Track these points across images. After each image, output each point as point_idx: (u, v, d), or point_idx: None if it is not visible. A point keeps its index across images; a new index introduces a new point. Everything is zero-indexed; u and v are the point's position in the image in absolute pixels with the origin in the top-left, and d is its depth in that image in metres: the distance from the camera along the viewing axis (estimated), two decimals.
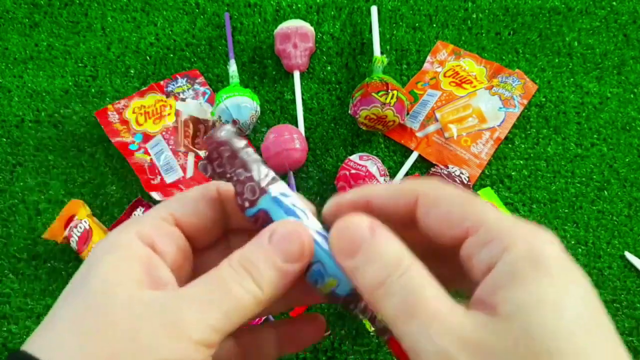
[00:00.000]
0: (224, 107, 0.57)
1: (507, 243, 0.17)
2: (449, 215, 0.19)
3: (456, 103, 0.62)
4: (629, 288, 0.55)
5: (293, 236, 0.20)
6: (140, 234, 0.20)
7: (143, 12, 0.70)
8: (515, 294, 0.16)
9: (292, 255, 0.19)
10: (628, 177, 0.60)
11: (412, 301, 0.17)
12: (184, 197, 0.22)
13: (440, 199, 0.19)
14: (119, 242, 0.19)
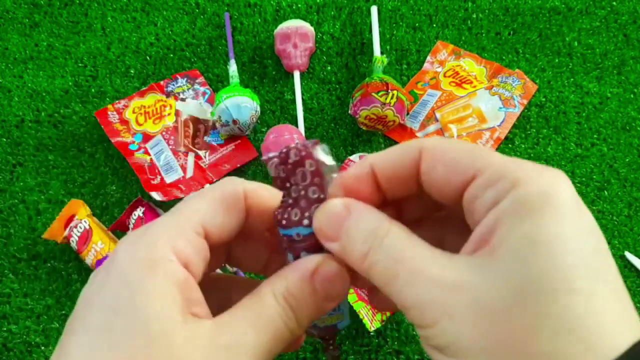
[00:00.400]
0: (224, 107, 0.57)
1: (515, 180, 0.16)
2: (456, 163, 0.18)
3: (456, 103, 0.62)
4: (629, 288, 0.55)
5: (338, 277, 0.20)
6: (176, 250, 0.19)
7: (143, 12, 0.70)
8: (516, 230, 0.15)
9: (334, 297, 0.20)
10: (628, 177, 0.60)
11: (393, 265, 0.17)
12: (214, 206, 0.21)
13: (445, 149, 0.18)
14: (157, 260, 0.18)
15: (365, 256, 0.18)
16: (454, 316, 0.15)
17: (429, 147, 0.19)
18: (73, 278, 0.55)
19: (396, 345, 0.52)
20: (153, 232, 0.19)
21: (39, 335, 0.53)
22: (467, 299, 0.15)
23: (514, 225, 0.15)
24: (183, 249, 0.19)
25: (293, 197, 0.20)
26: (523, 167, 0.16)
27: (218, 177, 0.60)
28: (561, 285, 0.14)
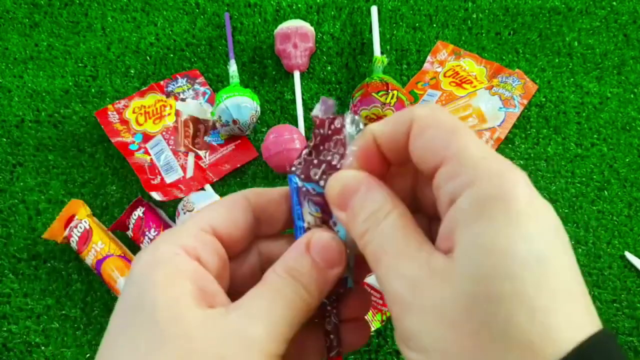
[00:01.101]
0: (224, 107, 0.57)
1: (473, 178, 0.16)
2: (432, 143, 0.18)
3: (456, 103, 0.62)
4: (629, 288, 0.55)
5: (331, 245, 0.21)
6: (185, 247, 0.20)
7: (143, 12, 0.70)
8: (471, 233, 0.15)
9: (333, 261, 0.21)
10: (628, 177, 0.60)
11: (379, 250, 0.18)
12: (218, 206, 0.22)
13: (429, 124, 0.18)
14: (164, 256, 0.19)
15: (362, 234, 0.19)
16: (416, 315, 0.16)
17: (417, 117, 0.19)
18: (73, 278, 0.55)
19: (396, 346, 0.52)
20: (161, 237, 0.21)
21: (39, 335, 0.53)
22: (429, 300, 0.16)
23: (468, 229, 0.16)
24: (190, 244, 0.20)
25: (319, 158, 0.22)
26: (483, 164, 0.16)
27: (218, 177, 0.60)
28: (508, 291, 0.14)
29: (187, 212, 0.53)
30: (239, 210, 0.22)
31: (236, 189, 0.60)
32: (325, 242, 0.21)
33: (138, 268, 0.19)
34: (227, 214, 0.22)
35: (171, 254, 0.19)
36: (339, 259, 0.21)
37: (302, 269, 0.20)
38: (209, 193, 0.57)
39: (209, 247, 0.21)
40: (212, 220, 0.21)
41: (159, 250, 0.19)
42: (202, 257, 0.20)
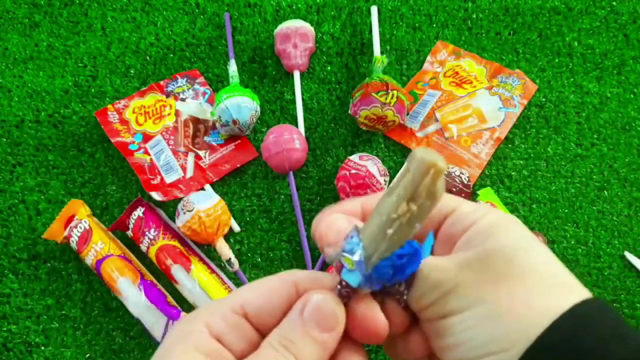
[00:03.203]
0: (224, 107, 0.57)
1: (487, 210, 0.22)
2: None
3: (456, 103, 0.62)
4: (629, 288, 0.55)
5: (325, 306, 0.20)
6: (209, 325, 0.20)
7: (143, 12, 0.70)
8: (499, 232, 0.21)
9: (328, 325, 0.20)
10: (628, 177, 0.60)
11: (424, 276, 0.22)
12: (258, 288, 0.22)
13: None
14: (188, 331, 0.20)
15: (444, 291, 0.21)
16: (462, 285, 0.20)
17: None
18: (73, 278, 0.55)
19: None
20: (198, 310, 0.21)
21: (39, 335, 0.53)
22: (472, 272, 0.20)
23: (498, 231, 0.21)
24: (215, 323, 0.20)
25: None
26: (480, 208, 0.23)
27: (218, 177, 0.60)
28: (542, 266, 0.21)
29: (187, 212, 0.53)
30: (280, 296, 0.21)
31: (236, 189, 0.60)
32: (318, 304, 0.20)
33: (169, 337, 0.20)
34: (265, 300, 0.21)
35: (194, 331, 0.20)
36: (334, 322, 0.20)
37: (293, 337, 0.20)
38: (209, 193, 0.57)
39: (236, 329, 0.20)
40: (246, 303, 0.21)
41: (187, 325, 0.20)
42: (226, 339, 0.20)
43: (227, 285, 0.55)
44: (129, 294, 0.51)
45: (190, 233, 0.54)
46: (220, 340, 0.20)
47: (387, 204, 0.19)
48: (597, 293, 0.55)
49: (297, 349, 0.20)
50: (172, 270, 0.52)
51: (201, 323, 0.20)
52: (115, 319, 0.54)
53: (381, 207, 0.20)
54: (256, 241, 0.58)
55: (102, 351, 0.53)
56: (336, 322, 0.20)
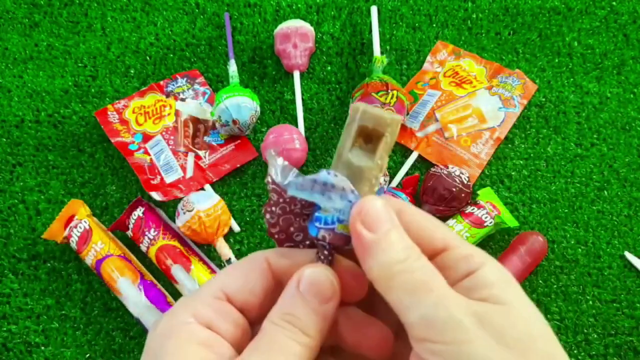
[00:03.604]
0: (224, 107, 0.57)
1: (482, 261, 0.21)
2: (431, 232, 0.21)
3: (456, 103, 0.62)
4: (629, 288, 0.55)
5: (321, 277, 0.21)
6: (196, 315, 0.20)
7: (143, 12, 0.70)
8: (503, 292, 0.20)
9: (325, 296, 0.20)
10: (628, 177, 0.60)
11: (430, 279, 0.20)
12: (232, 271, 0.22)
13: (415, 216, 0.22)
14: (176, 325, 0.20)
15: (398, 263, 0.20)
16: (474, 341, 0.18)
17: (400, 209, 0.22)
18: (73, 278, 0.55)
19: None
20: (176, 305, 0.21)
21: (38, 335, 0.53)
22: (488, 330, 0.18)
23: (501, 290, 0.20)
24: (202, 312, 0.20)
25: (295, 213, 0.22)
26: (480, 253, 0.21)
27: (218, 177, 0.60)
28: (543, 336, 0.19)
29: (187, 212, 0.53)
30: (256, 274, 0.22)
31: (236, 189, 0.60)
32: (314, 278, 0.20)
33: (153, 337, 0.20)
34: (242, 279, 0.22)
35: (183, 323, 0.20)
36: (331, 291, 0.21)
37: (295, 311, 0.20)
38: (209, 193, 0.57)
39: (224, 315, 0.21)
40: (225, 287, 0.21)
41: (172, 320, 0.20)
42: (215, 325, 0.20)
43: None
44: (129, 294, 0.51)
45: (190, 233, 0.54)
46: (210, 327, 0.20)
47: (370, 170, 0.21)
48: (597, 293, 0.55)
49: (302, 323, 0.20)
50: (172, 270, 0.52)
51: (186, 315, 0.20)
52: (115, 319, 0.54)
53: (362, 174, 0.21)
54: (256, 241, 0.58)
55: (102, 351, 0.53)
56: (333, 291, 0.21)
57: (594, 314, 0.54)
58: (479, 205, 0.56)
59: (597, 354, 0.52)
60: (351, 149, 0.22)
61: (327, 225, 0.21)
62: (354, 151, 0.22)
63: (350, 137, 0.21)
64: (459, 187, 0.54)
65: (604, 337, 0.53)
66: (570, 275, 0.55)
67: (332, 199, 0.20)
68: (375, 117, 0.21)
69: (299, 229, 0.23)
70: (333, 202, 0.21)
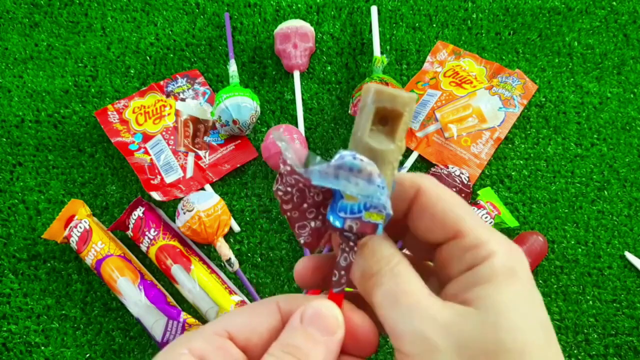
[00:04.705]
0: (224, 107, 0.57)
1: (490, 252, 0.19)
2: (443, 216, 0.20)
3: (456, 103, 0.62)
4: (629, 288, 0.55)
5: (324, 310, 0.20)
6: (192, 349, 0.20)
7: (143, 12, 0.70)
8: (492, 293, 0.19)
9: (329, 327, 0.20)
10: (628, 177, 0.60)
11: (398, 290, 0.19)
12: (239, 311, 0.22)
13: (438, 198, 0.21)
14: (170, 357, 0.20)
15: (372, 275, 0.20)
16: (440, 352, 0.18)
17: (426, 189, 0.21)
18: (73, 278, 0.55)
19: None
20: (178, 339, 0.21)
21: (39, 335, 0.53)
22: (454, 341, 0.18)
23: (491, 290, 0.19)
24: (198, 346, 0.20)
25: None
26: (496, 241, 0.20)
27: (218, 177, 0.60)
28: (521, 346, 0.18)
29: (187, 212, 0.53)
30: (263, 315, 0.21)
31: (236, 189, 0.60)
32: (316, 309, 0.20)
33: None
34: (248, 319, 0.21)
35: (177, 355, 0.20)
36: (335, 324, 0.20)
37: (296, 342, 0.19)
38: (209, 193, 0.57)
39: (220, 350, 0.20)
40: (228, 325, 0.21)
41: (168, 352, 0.20)
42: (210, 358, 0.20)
43: (227, 285, 0.55)
44: (129, 294, 0.51)
45: (190, 233, 0.54)
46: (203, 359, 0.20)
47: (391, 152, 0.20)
48: (597, 293, 0.55)
49: (303, 353, 0.19)
50: (172, 270, 0.52)
51: (182, 348, 0.20)
52: (115, 319, 0.54)
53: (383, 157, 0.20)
54: (256, 241, 0.58)
55: (102, 351, 0.53)
56: (337, 325, 0.20)
57: (594, 314, 0.54)
58: (479, 205, 0.56)
59: (597, 354, 0.52)
60: (370, 132, 0.21)
61: (354, 214, 0.19)
62: (373, 134, 0.21)
63: (369, 121, 0.20)
64: (459, 187, 0.54)
65: (604, 337, 0.53)
66: (570, 275, 0.55)
67: (360, 185, 0.19)
68: (392, 96, 0.20)
69: (313, 204, 0.21)
70: (360, 189, 0.19)
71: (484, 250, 0.20)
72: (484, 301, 0.19)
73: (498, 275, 0.19)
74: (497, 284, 0.19)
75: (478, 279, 0.19)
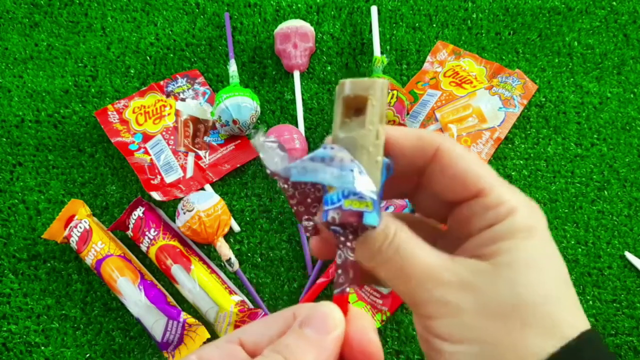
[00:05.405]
0: (224, 107, 0.57)
1: (512, 209, 0.20)
2: (465, 174, 0.20)
3: (456, 103, 0.62)
4: (629, 288, 0.55)
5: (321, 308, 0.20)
6: (201, 356, 0.20)
7: (143, 12, 0.70)
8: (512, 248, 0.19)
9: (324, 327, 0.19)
10: (628, 177, 0.60)
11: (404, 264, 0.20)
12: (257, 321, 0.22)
13: (460, 156, 0.21)
14: None
15: (374, 255, 0.20)
16: (462, 312, 0.19)
17: (446, 148, 0.21)
18: (73, 278, 0.55)
19: (396, 345, 0.52)
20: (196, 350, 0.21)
21: (38, 335, 0.53)
22: (474, 299, 0.19)
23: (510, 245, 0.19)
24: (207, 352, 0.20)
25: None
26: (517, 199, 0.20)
27: (218, 176, 0.60)
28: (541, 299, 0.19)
29: (187, 212, 0.53)
30: (278, 322, 0.21)
31: (236, 189, 0.60)
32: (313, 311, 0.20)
33: None
34: (262, 326, 0.21)
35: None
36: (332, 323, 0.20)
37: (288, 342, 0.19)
38: (209, 193, 0.57)
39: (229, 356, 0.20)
40: (243, 333, 0.21)
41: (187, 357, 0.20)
42: None
43: (227, 285, 0.55)
44: (129, 294, 0.51)
45: (190, 233, 0.54)
46: None
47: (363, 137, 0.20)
48: (597, 293, 0.55)
49: (290, 351, 0.19)
50: (172, 270, 0.52)
51: (193, 356, 0.20)
52: (115, 319, 0.54)
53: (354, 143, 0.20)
54: (256, 241, 0.58)
55: (102, 351, 0.53)
56: (333, 325, 0.20)
57: (594, 314, 0.54)
58: None
59: None
60: (342, 124, 0.21)
61: (334, 204, 0.19)
62: (345, 126, 0.21)
63: (338, 114, 0.21)
64: None
65: (604, 337, 0.53)
66: (570, 275, 0.55)
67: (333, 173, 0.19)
68: (355, 83, 0.20)
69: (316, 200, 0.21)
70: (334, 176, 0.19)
71: (505, 208, 0.20)
72: (502, 257, 0.19)
73: (518, 232, 0.19)
74: (517, 240, 0.19)
75: (498, 235, 0.19)
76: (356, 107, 0.21)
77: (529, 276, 0.19)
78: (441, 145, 0.21)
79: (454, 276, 0.19)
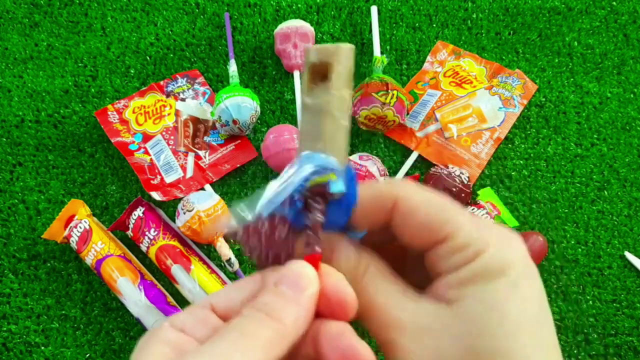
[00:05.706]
0: (224, 107, 0.57)
1: (479, 250, 0.19)
2: (428, 221, 0.20)
3: (456, 103, 0.62)
4: (629, 288, 0.55)
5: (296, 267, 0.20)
6: (172, 321, 0.20)
7: (143, 12, 0.70)
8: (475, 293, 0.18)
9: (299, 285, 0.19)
10: (628, 177, 0.60)
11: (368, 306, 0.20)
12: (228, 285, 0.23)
13: (419, 205, 0.20)
14: (153, 332, 0.21)
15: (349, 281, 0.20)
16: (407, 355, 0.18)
17: (404, 198, 0.20)
18: (73, 278, 0.55)
19: None
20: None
21: (38, 335, 0.53)
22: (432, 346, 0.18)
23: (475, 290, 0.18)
24: (180, 318, 0.21)
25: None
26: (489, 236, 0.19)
27: (218, 177, 0.60)
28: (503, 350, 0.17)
29: (187, 212, 0.53)
30: (247, 285, 0.21)
31: (236, 189, 0.60)
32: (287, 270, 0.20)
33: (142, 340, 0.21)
34: (233, 291, 0.21)
35: (159, 328, 0.20)
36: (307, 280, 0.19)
37: (265, 299, 0.19)
38: (209, 193, 0.57)
39: (200, 320, 0.20)
40: (214, 298, 0.21)
41: (152, 330, 0.21)
42: (189, 329, 0.20)
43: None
44: (129, 294, 0.51)
45: (190, 233, 0.54)
46: (183, 331, 0.20)
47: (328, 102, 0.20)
48: (597, 293, 0.55)
49: (271, 308, 0.19)
50: (172, 270, 0.52)
51: (165, 323, 0.21)
52: (115, 319, 0.54)
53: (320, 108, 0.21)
54: None
55: (102, 351, 0.53)
56: (309, 282, 0.19)
57: (594, 314, 0.54)
58: (479, 205, 0.56)
59: (597, 354, 0.52)
60: (309, 91, 0.21)
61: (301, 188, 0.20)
62: (312, 92, 0.21)
63: (305, 81, 0.21)
64: (459, 187, 0.54)
65: (604, 337, 0.53)
66: (570, 275, 0.55)
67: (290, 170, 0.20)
68: (320, 50, 0.20)
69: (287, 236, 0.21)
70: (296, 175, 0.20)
71: (472, 250, 0.19)
72: (464, 302, 0.18)
73: (486, 274, 0.18)
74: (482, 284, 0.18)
75: (464, 279, 0.19)
76: (322, 74, 0.21)
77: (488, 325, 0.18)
78: (399, 195, 0.20)
79: (414, 322, 0.19)
